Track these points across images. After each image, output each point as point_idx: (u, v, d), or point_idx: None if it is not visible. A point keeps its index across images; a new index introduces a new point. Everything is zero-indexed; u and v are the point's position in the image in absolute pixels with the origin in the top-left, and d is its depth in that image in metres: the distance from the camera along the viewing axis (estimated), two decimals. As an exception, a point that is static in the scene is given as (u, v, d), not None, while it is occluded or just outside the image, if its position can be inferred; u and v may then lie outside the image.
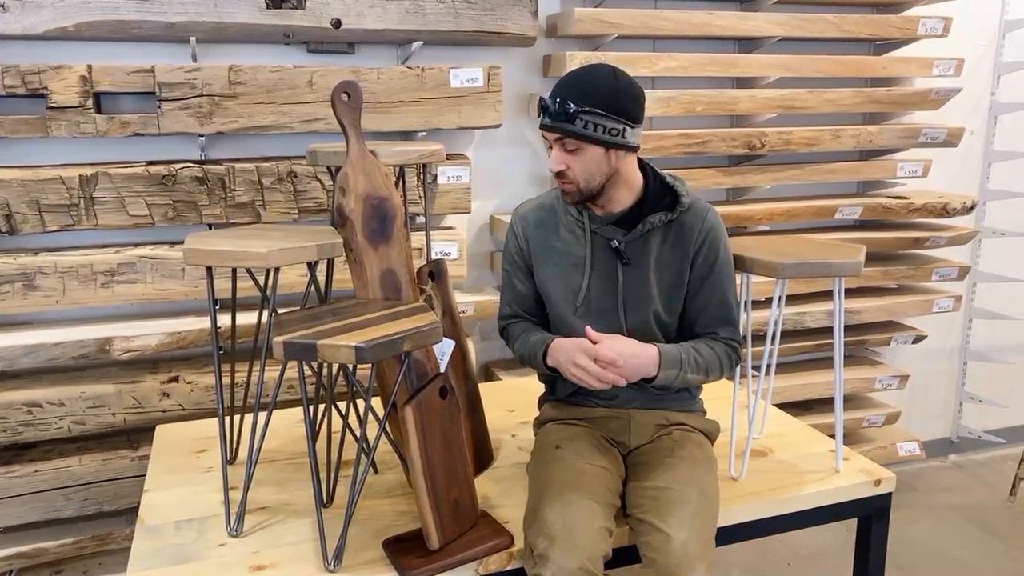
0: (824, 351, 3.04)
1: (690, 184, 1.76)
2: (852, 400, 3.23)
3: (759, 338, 2.90)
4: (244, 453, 1.96)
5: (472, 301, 2.53)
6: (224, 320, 2.23)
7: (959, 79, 3.10)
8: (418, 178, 2.43)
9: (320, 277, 2.07)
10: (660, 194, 1.72)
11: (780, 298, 1.98)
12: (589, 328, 1.64)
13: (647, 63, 2.57)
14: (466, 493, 1.59)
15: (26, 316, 2.31)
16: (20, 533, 2.31)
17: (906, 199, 2.96)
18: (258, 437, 1.63)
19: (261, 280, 2.37)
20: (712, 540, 1.53)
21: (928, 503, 3.16)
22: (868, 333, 3.09)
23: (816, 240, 2.00)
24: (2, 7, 2.03)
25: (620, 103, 1.58)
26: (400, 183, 2.05)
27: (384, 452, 2.00)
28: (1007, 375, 3.60)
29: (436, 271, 1.90)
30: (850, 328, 3.07)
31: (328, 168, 2.04)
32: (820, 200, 2.93)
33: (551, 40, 2.66)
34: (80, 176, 2.16)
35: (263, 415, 1.79)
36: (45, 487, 2.23)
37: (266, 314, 1.88)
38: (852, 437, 3.13)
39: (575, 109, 1.56)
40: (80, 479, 2.25)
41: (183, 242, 1.81)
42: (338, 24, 2.25)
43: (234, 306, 1.87)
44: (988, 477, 3.39)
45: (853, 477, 1.88)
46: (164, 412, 2.28)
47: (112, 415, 2.24)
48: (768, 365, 2.05)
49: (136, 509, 2.04)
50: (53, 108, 2.10)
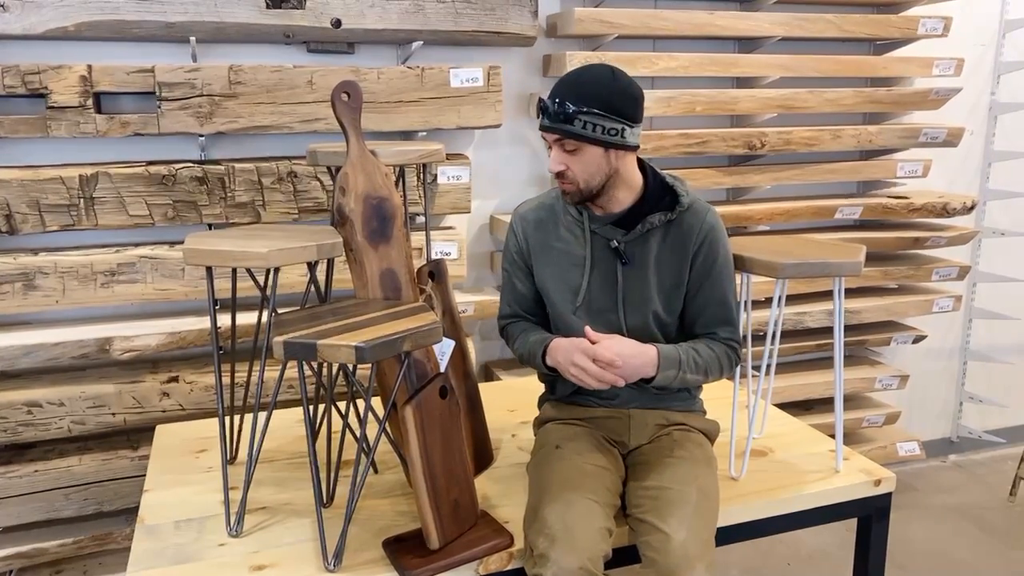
0: (824, 351, 3.04)
1: (690, 184, 1.76)
2: (852, 400, 3.23)
3: (759, 338, 2.90)
4: (244, 453, 1.96)
5: (472, 301, 2.53)
6: (224, 320, 2.23)
7: (959, 79, 3.10)
8: (418, 178, 2.44)
9: (320, 277, 2.07)
10: (660, 194, 1.71)
11: (780, 298, 1.98)
12: (588, 328, 1.64)
13: (647, 63, 2.57)
14: (466, 493, 1.59)
15: (26, 316, 2.32)
16: (20, 533, 2.31)
17: (906, 199, 2.96)
18: (258, 437, 1.63)
19: (261, 280, 2.37)
20: (712, 540, 1.53)
21: (928, 503, 3.16)
22: (868, 333, 3.09)
23: (816, 240, 2.00)
24: (2, 7, 2.03)
25: (619, 103, 1.58)
26: (400, 183, 2.05)
27: (384, 452, 2.01)
28: (1007, 375, 3.60)
29: (436, 271, 1.90)
30: (850, 328, 3.07)
31: (328, 168, 2.04)
32: (820, 200, 2.93)
33: (551, 40, 2.66)
34: (80, 176, 2.16)
35: (263, 415, 1.79)
36: (45, 487, 2.23)
37: (266, 314, 1.88)
38: (852, 437, 3.13)
39: (574, 110, 1.56)
40: (80, 479, 2.25)
41: (183, 242, 1.81)
42: (338, 24, 2.25)
43: (234, 306, 1.87)
44: (988, 477, 3.39)
45: (853, 477, 1.88)
46: (164, 412, 2.28)
47: (112, 415, 2.24)
48: (768, 365, 2.06)
49: (136, 509, 2.04)
50: (53, 108, 2.10)
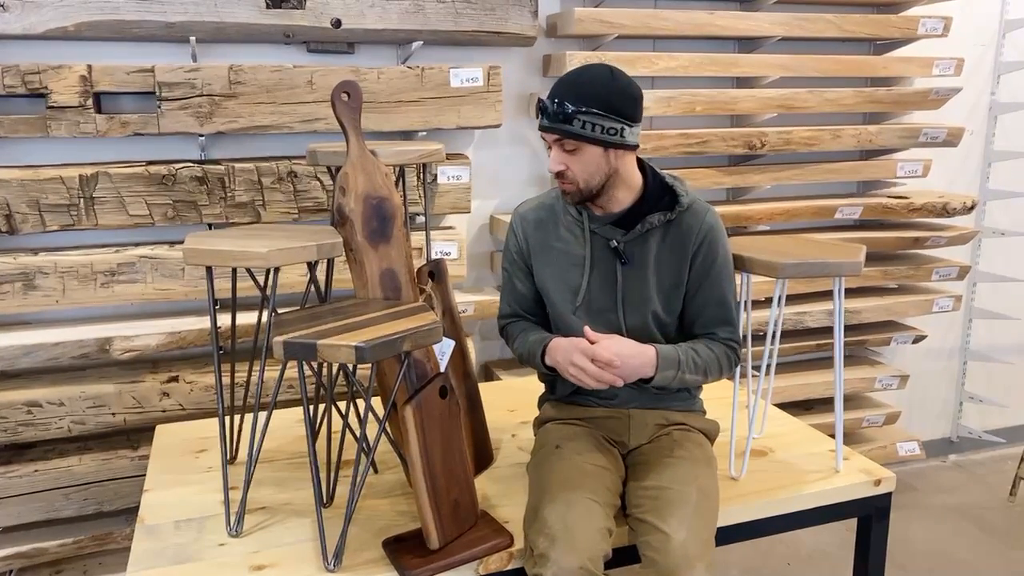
0: (824, 351, 3.04)
1: (690, 184, 1.76)
2: (852, 400, 3.23)
3: (759, 338, 2.90)
4: (244, 453, 1.96)
5: (472, 301, 2.53)
6: (224, 320, 2.23)
7: (959, 79, 3.10)
8: (418, 178, 2.44)
9: (320, 277, 2.07)
10: (659, 194, 1.71)
11: (780, 298, 1.98)
12: (587, 328, 1.64)
13: (647, 63, 2.57)
14: (466, 493, 1.59)
15: (26, 316, 2.32)
16: (20, 533, 2.31)
17: (906, 199, 2.96)
18: (258, 437, 1.63)
19: (261, 280, 2.37)
20: (712, 540, 1.53)
21: (928, 503, 3.16)
22: (868, 333, 3.09)
23: (816, 240, 2.00)
24: (2, 7, 2.03)
25: (617, 102, 1.58)
26: (400, 183, 2.05)
27: (384, 452, 2.01)
28: (1007, 375, 3.60)
29: (436, 271, 1.90)
30: (850, 328, 3.07)
31: (328, 168, 2.04)
32: (820, 200, 2.93)
33: (551, 40, 2.66)
34: (80, 176, 2.16)
35: (263, 415, 1.79)
36: (45, 487, 2.23)
37: (266, 314, 1.88)
38: (852, 437, 3.13)
39: (573, 110, 1.56)
40: (80, 479, 2.25)
41: (183, 242, 1.81)
42: (338, 24, 2.25)
43: (234, 306, 1.87)
44: (988, 477, 3.39)
45: (853, 477, 1.88)
46: (164, 412, 2.28)
47: (112, 415, 2.24)
48: (768, 365, 2.06)
49: (136, 509, 2.04)
50: (53, 108, 2.10)
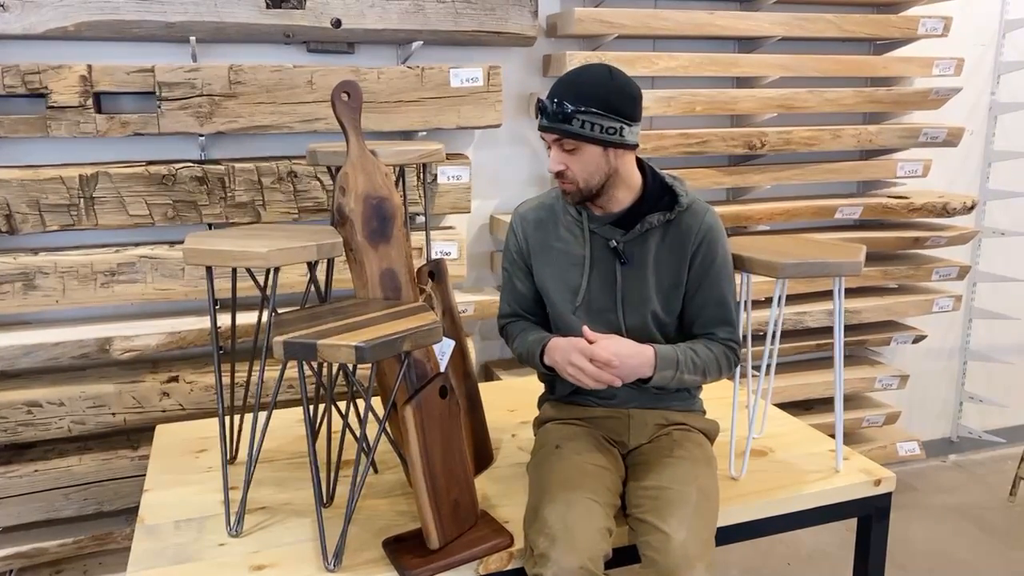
0: (824, 351, 3.04)
1: (689, 184, 1.76)
2: (852, 400, 3.23)
3: (759, 338, 2.90)
4: (244, 453, 1.96)
5: (472, 301, 2.53)
6: (224, 320, 2.23)
7: (959, 79, 3.10)
8: (418, 178, 2.44)
9: (320, 277, 2.07)
10: (658, 194, 1.72)
11: (780, 298, 1.98)
12: (586, 328, 1.65)
13: (647, 63, 2.57)
14: (466, 493, 1.59)
15: (26, 316, 2.32)
16: (20, 533, 2.31)
17: (906, 199, 2.96)
18: (258, 437, 1.63)
19: (261, 280, 2.37)
20: (712, 540, 1.53)
21: (928, 503, 3.16)
22: (868, 333, 3.09)
23: (816, 240, 2.00)
24: (2, 7, 2.03)
25: (616, 102, 1.58)
26: (400, 183, 2.05)
27: (384, 452, 2.01)
28: (1007, 375, 3.60)
29: (436, 271, 1.90)
30: (850, 328, 3.07)
31: (328, 168, 2.04)
32: (820, 200, 2.93)
33: (551, 40, 2.66)
34: (80, 176, 2.16)
35: (263, 415, 1.79)
36: (45, 487, 2.23)
37: (266, 314, 1.88)
38: (852, 437, 3.13)
39: (572, 109, 1.56)
40: (80, 479, 2.25)
41: (183, 242, 1.81)
42: (338, 24, 2.25)
43: (234, 306, 1.87)
44: (988, 477, 3.39)
45: (853, 477, 1.88)
46: (164, 412, 2.28)
47: (112, 415, 2.24)
48: (768, 365, 2.06)
49: (136, 509, 2.04)
50: (53, 108, 2.10)
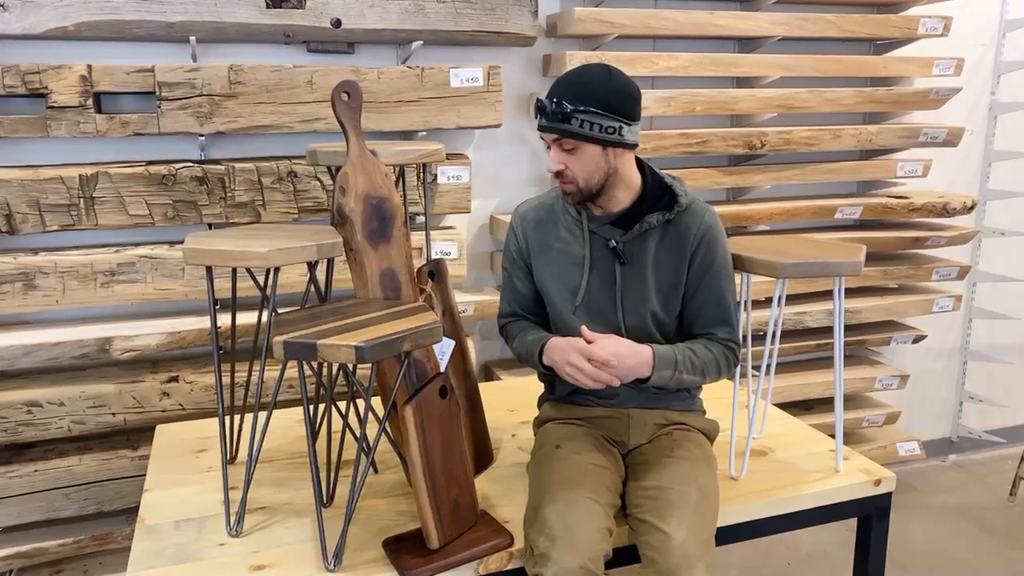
0: (824, 351, 3.04)
1: (689, 184, 1.76)
2: (852, 400, 3.23)
3: (759, 338, 2.90)
4: (244, 453, 1.96)
5: (472, 301, 2.53)
6: (224, 320, 2.23)
7: (959, 79, 3.10)
8: (418, 178, 2.44)
9: (320, 277, 2.07)
10: (658, 194, 1.72)
11: (780, 298, 1.98)
12: (584, 328, 1.65)
13: (647, 63, 2.57)
14: (466, 493, 1.59)
15: (26, 316, 2.32)
16: (20, 533, 2.31)
17: (906, 199, 2.96)
18: (258, 437, 1.63)
19: (261, 280, 2.37)
20: (712, 540, 1.53)
21: (928, 503, 3.16)
22: (868, 333, 3.09)
23: (816, 240, 2.00)
24: (2, 7, 2.03)
25: (616, 101, 1.59)
26: (400, 183, 2.05)
27: (384, 452, 2.00)
28: (1007, 375, 3.60)
29: (436, 271, 1.90)
30: (850, 328, 3.07)
31: (328, 168, 2.04)
32: (820, 200, 2.93)
33: (551, 40, 2.66)
34: (80, 176, 2.16)
35: (263, 415, 1.79)
36: (45, 487, 2.23)
37: (266, 314, 1.88)
38: (852, 437, 3.13)
39: (571, 109, 1.57)
40: (80, 479, 2.25)
41: (183, 242, 1.81)
42: (338, 24, 2.25)
43: (234, 306, 1.87)
44: (988, 477, 3.39)
45: (853, 477, 1.88)
46: (164, 412, 2.28)
47: (112, 415, 2.24)
48: (768, 365, 2.06)
49: (136, 509, 2.04)
50: (53, 108, 2.10)
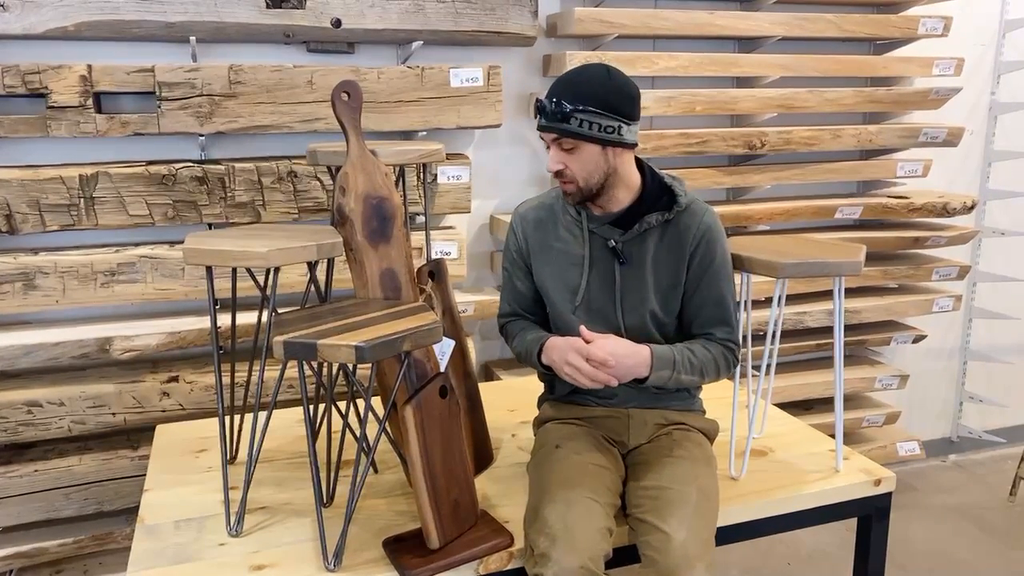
0: (824, 351, 3.04)
1: (689, 184, 1.76)
2: (852, 400, 3.23)
3: (759, 338, 2.90)
4: (244, 453, 1.96)
5: (472, 301, 2.53)
6: (224, 320, 2.23)
7: (959, 79, 3.10)
8: (418, 178, 2.44)
9: (320, 277, 2.07)
10: (657, 194, 1.72)
11: (780, 298, 1.98)
12: (583, 327, 1.65)
13: (647, 63, 2.57)
14: (466, 493, 1.59)
15: (26, 316, 2.31)
16: (20, 533, 2.31)
17: (906, 199, 2.96)
18: (258, 437, 1.63)
19: (261, 280, 2.37)
20: (712, 539, 1.53)
21: (928, 503, 3.16)
22: (868, 333, 3.09)
23: (816, 240, 2.00)
24: (2, 7, 2.03)
25: (615, 101, 1.59)
26: (400, 183, 2.05)
27: (384, 452, 2.01)
28: (1007, 375, 3.60)
29: (436, 271, 1.90)
30: (850, 328, 3.07)
31: (328, 168, 2.04)
32: (820, 200, 2.93)
33: (551, 40, 2.66)
34: (80, 176, 2.16)
35: (263, 415, 1.79)
36: (45, 487, 2.23)
37: (266, 314, 1.88)
38: (852, 437, 3.13)
39: (570, 108, 1.57)
40: (80, 479, 2.25)
41: (183, 242, 1.81)
42: (338, 24, 2.25)
43: (234, 306, 1.87)
44: (988, 477, 3.39)
45: (853, 477, 1.88)
46: (164, 412, 2.28)
47: (112, 415, 2.24)
48: (768, 365, 2.06)
49: (136, 509, 2.04)
50: (53, 108, 2.10)
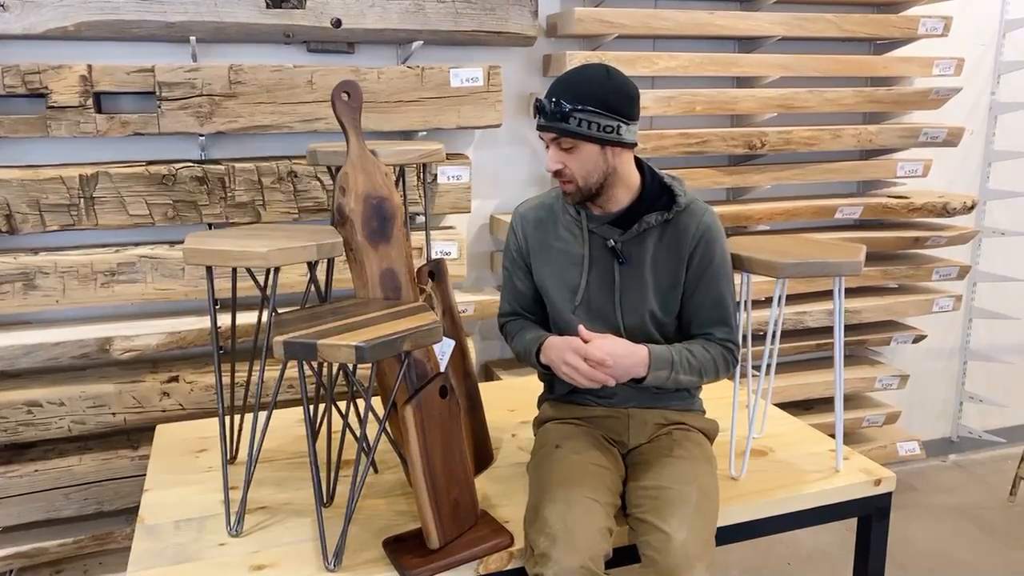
0: (824, 351, 3.04)
1: (689, 184, 1.76)
2: (852, 400, 3.23)
3: (759, 338, 2.90)
4: (244, 453, 1.96)
5: (472, 301, 2.53)
6: (224, 320, 2.23)
7: (959, 79, 3.10)
8: (418, 178, 2.44)
9: (320, 277, 2.07)
10: (657, 194, 1.72)
11: (780, 298, 1.98)
12: (582, 327, 1.65)
13: (647, 63, 2.57)
14: (466, 493, 1.59)
15: (26, 316, 2.31)
16: (20, 533, 2.31)
17: (906, 199, 2.96)
18: (258, 437, 1.63)
19: (261, 280, 2.37)
20: (712, 539, 1.53)
21: (928, 503, 3.16)
22: (868, 333, 3.09)
23: (816, 240, 2.00)
24: (2, 7, 2.03)
25: (614, 100, 1.59)
26: (400, 183, 2.05)
27: (384, 452, 2.01)
28: (1007, 375, 3.60)
29: (436, 271, 1.90)
30: (850, 328, 3.07)
31: (328, 168, 2.04)
32: (820, 200, 2.93)
33: (551, 40, 2.66)
34: (80, 176, 2.16)
35: (263, 415, 1.79)
36: (45, 487, 2.23)
37: (266, 314, 1.88)
38: (852, 437, 3.13)
39: (570, 108, 1.57)
40: (80, 479, 2.25)
41: (183, 242, 1.81)
42: (338, 24, 2.25)
43: (234, 306, 1.87)
44: (988, 477, 3.39)
45: (853, 477, 1.88)
46: (164, 412, 2.28)
47: (112, 415, 2.24)
48: (768, 365, 2.06)
49: (136, 509, 2.04)
50: (53, 108, 2.10)
